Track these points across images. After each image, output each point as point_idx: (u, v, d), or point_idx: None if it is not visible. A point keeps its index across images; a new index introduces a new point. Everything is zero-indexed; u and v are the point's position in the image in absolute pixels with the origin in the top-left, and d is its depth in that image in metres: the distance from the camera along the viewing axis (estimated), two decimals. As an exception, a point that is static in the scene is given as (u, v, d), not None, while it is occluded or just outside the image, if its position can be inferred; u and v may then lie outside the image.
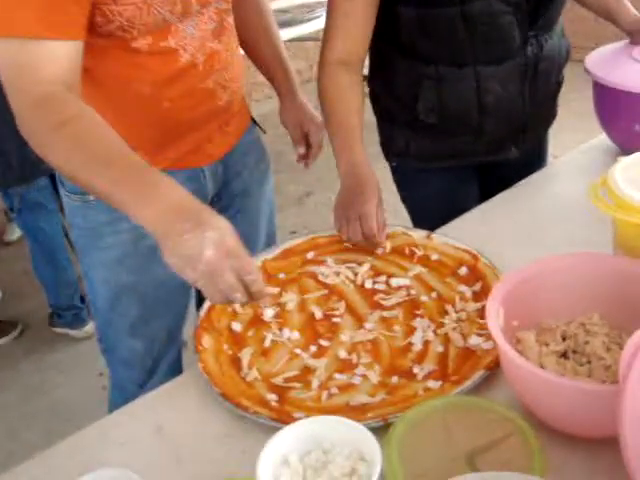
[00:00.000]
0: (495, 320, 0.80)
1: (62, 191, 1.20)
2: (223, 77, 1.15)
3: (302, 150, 1.39)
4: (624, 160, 0.97)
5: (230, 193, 1.30)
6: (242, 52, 1.29)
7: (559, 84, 1.38)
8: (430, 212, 1.39)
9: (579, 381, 0.78)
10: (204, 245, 0.79)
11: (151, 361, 1.29)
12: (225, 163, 1.26)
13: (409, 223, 1.42)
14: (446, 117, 1.29)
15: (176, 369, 1.33)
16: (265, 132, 1.42)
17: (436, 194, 1.44)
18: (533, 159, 1.49)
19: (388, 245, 1.15)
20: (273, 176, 1.42)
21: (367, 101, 1.35)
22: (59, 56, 0.92)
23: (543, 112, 1.40)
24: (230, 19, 1.16)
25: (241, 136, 1.29)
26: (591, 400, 0.72)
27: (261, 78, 1.42)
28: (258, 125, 1.39)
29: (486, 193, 1.39)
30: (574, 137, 1.56)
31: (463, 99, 1.27)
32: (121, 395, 1.30)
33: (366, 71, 1.37)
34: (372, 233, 1.10)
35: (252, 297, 0.84)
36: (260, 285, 0.84)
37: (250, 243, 1.24)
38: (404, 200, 1.50)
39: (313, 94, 1.27)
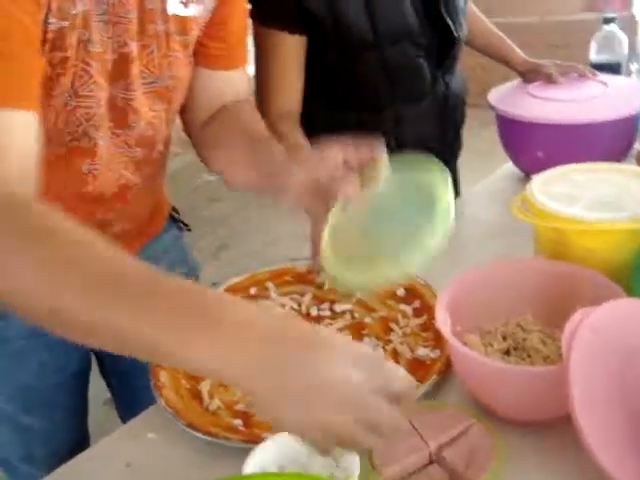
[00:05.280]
0: (445, 324, 0.87)
1: None
2: None
3: None
4: (538, 178, 1.08)
5: None
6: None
7: (463, 116, 1.53)
8: None
9: (525, 366, 0.86)
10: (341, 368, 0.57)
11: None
12: None
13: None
14: None
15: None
16: (190, 229, 1.25)
17: None
18: None
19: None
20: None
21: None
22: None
23: (455, 144, 1.53)
24: None
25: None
26: (538, 382, 0.79)
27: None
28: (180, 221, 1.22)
29: None
30: (473, 175, 1.69)
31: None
32: None
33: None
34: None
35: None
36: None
37: None
38: None
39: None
